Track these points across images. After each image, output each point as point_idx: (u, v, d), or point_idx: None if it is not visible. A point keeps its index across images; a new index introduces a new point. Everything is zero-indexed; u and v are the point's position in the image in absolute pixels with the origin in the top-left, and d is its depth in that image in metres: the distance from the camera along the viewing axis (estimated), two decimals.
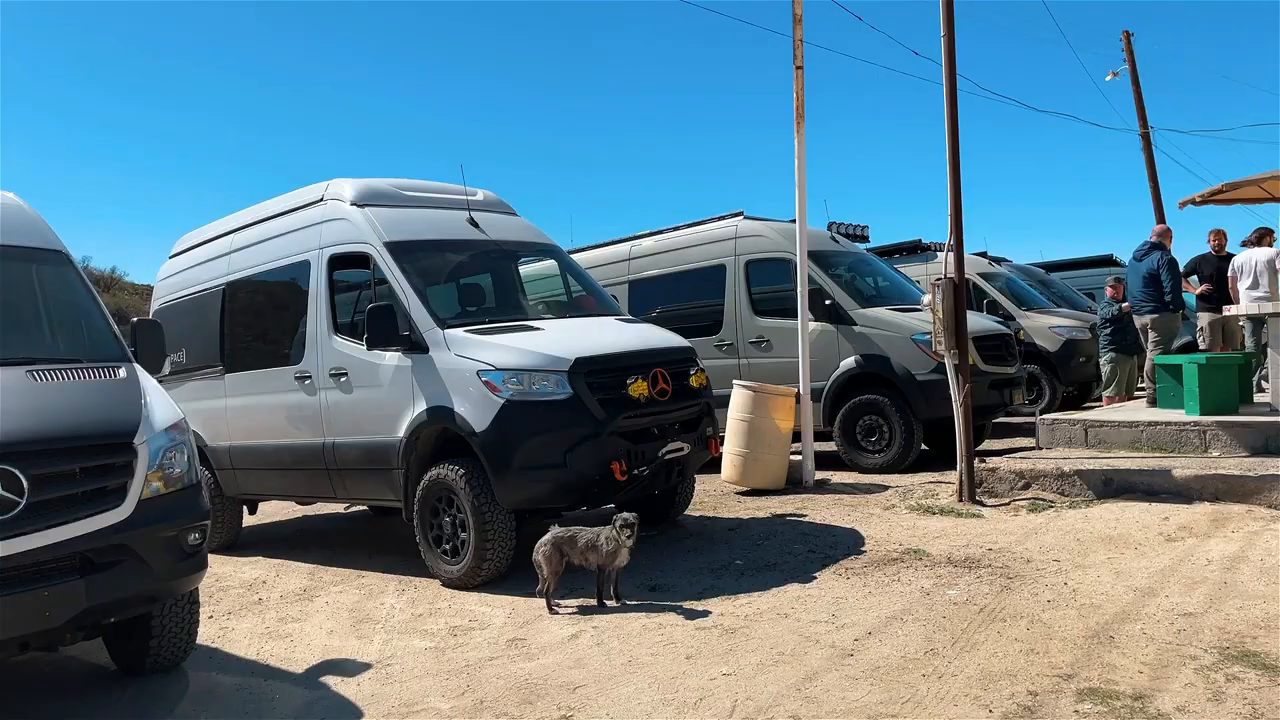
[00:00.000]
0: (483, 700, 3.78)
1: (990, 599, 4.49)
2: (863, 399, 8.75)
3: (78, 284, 4.89)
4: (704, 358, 9.55)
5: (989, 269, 14.55)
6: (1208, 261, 9.74)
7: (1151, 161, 23.93)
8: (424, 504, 5.84)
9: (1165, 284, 8.68)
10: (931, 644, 3.95)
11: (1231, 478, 6.00)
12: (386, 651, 4.58)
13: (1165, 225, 9.22)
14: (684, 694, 3.63)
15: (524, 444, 5.42)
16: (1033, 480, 6.74)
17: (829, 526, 6.39)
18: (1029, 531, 5.76)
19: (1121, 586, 4.53)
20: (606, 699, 3.66)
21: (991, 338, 9.02)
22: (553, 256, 7.52)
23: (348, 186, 6.78)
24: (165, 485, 4.02)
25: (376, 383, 6.13)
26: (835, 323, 8.98)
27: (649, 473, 5.71)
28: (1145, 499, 6.18)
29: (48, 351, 4.43)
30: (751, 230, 9.87)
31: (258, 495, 7.84)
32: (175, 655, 4.51)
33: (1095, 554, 5.13)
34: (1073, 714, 3.17)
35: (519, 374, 5.48)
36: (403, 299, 6.00)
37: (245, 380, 7.35)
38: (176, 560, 4.03)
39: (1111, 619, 4.07)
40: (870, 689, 3.53)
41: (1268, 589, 4.32)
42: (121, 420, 4.00)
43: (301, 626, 5.24)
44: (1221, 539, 5.21)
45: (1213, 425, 6.93)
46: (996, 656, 3.75)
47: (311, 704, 3.97)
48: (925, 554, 5.39)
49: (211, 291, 7.84)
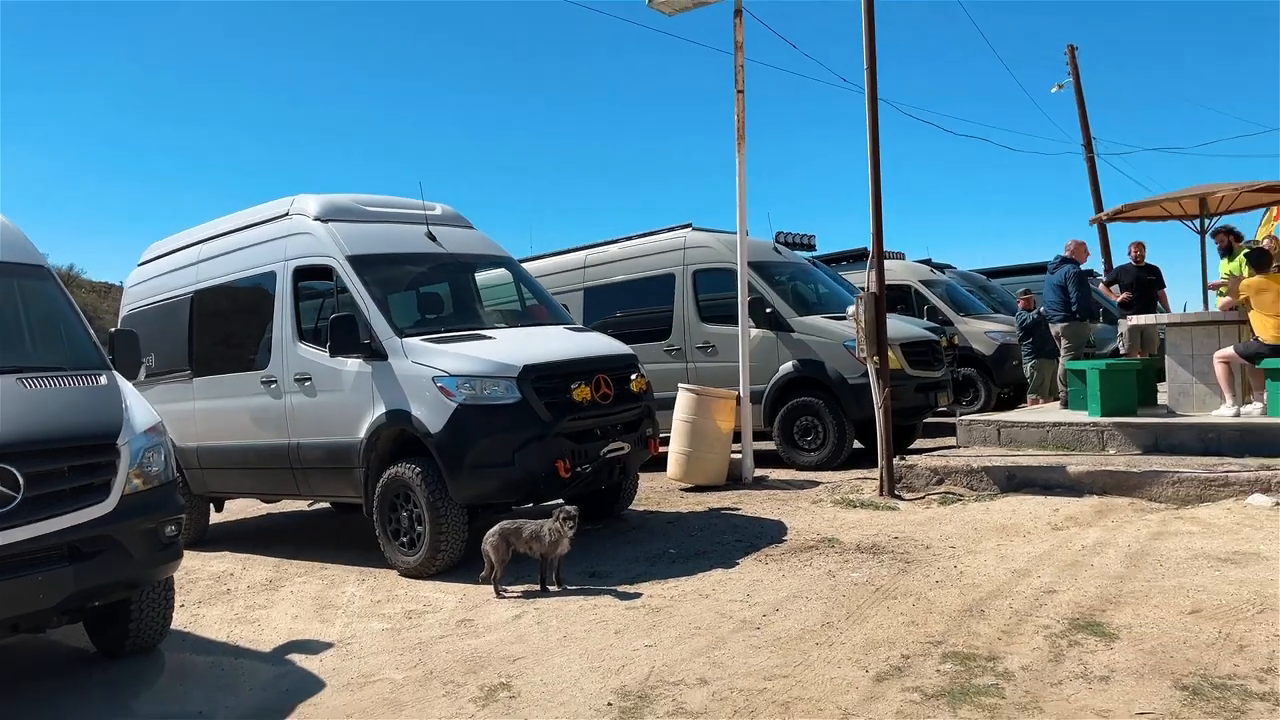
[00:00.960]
0: (432, 671, 4.27)
1: (887, 580, 5.07)
2: (799, 401, 9.35)
3: (59, 297, 5.28)
4: (654, 361, 10.21)
5: (930, 276, 15.26)
6: (1127, 271, 10.46)
7: (1094, 173, 24.93)
8: (383, 500, 6.30)
9: (1072, 295, 9.39)
10: (828, 618, 4.51)
11: (1118, 473, 6.66)
12: (347, 633, 5.05)
13: (1077, 240, 9.93)
14: (609, 662, 4.15)
15: (475, 444, 5.91)
16: (946, 476, 7.36)
17: (758, 519, 6.96)
18: (934, 522, 6.37)
19: (1003, 569, 5.13)
20: (541, 668, 4.17)
21: (918, 344, 9.66)
22: (507, 267, 8.02)
23: (312, 202, 7.21)
24: (145, 482, 4.46)
25: (339, 387, 6.57)
26: (775, 330, 9.56)
27: (591, 470, 6.23)
28: (1042, 493, 6.83)
29: (34, 360, 4.83)
30: (699, 241, 10.43)
31: (224, 494, 8.23)
32: (152, 638, 4.93)
33: (987, 541, 5.75)
34: (934, 672, 3.74)
35: (471, 380, 5.97)
36: (363, 309, 6.46)
37: (212, 384, 7.75)
38: (155, 550, 4.47)
39: (986, 595, 4.66)
40: (769, 655, 4.08)
41: (1125, 570, 4.94)
42: (105, 423, 4.43)
43: (268, 613, 5.68)
44: (1100, 528, 5.85)
45: (1110, 426, 7.61)
46: (882, 628, 4.32)
47: (279, 677, 4.43)
48: (838, 542, 5.97)
49: (180, 299, 8.22)
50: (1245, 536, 5.34)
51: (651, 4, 9.05)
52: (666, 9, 9.14)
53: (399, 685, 4.14)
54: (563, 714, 3.63)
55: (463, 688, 4.01)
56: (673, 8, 9.09)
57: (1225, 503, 6.09)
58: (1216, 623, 4.03)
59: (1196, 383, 8.00)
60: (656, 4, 9.05)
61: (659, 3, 9.02)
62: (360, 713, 3.87)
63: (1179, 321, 8.25)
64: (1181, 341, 8.13)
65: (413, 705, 3.89)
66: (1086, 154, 25.46)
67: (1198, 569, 4.83)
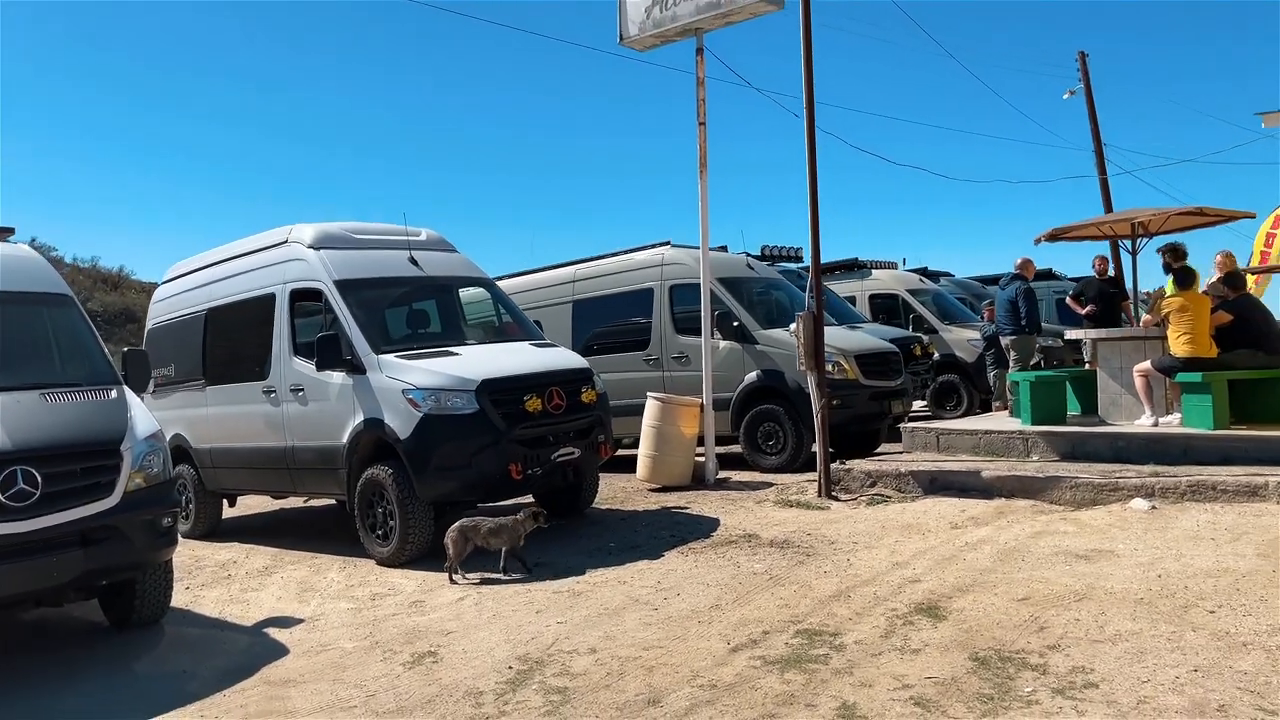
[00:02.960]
0: (378, 641, 5.09)
1: (782, 570, 5.79)
2: (763, 408, 10.04)
3: (80, 321, 6.20)
4: (636, 370, 11.02)
5: (918, 285, 15.83)
6: (1091, 285, 10.97)
7: (1104, 179, 25.19)
8: (362, 497, 7.16)
9: (1021, 310, 9.98)
10: (719, 601, 5.25)
11: (1025, 478, 7.29)
12: (318, 611, 5.91)
13: (1026, 258, 10.49)
14: (522, 635, 4.94)
15: (438, 449, 6.74)
16: (878, 479, 8.03)
17: (699, 517, 7.70)
18: (851, 520, 7.06)
19: (886, 562, 5.82)
20: (467, 640, 4.98)
21: (873, 355, 10.29)
22: (484, 288, 8.86)
23: (307, 231, 8.10)
24: (145, 481, 5.35)
25: (326, 397, 7.45)
26: (742, 342, 10.27)
27: (543, 473, 7.02)
28: (959, 495, 7.47)
29: (56, 378, 5.75)
30: (675, 258, 11.17)
31: (234, 490, 9.16)
32: (155, 613, 5.83)
33: (888, 538, 6.43)
34: (783, 645, 4.47)
35: (435, 392, 6.79)
36: (347, 329, 7.32)
37: (222, 392, 8.69)
38: (153, 538, 5.36)
39: (858, 583, 5.37)
40: (656, 630, 4.83)
41: (991, 564, 5.61)
42: (112, 431, 5.33)
43: (258, 594, 6.56)
44: (991, 527, 6.50)
45: (1034, 434, 8.22)
46: (759, 609, 5.05)
47: (253, 645, 5.29)
48: (757, 537, 6.69)
49: (195, 316, 9.18)
50: (1111, 536, 5.96)
51: (622, 42, 9.83)
52: (638, 46, 9.91)
53: (348, 653, 4.97)
54: (470, 674, 4.43)
55: (398, 655, 4.83)
56: (643, 45, 9.86)
57: (1113, 506, 6.70)
58: (1036, 608, 4.70)
59: (1124, 394, 8.56)
60: (627, 42, 9.83)
61: (630, 40, 9.79)
62: (311, 672, 4.71)
63: (1108, 336, 8.81)
64: (1111, 355, 8.70)
65: (354, 668, 4.71)
66: (1097, 159, 25.75)
67: (1053, 564, 5.48)
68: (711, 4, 9.11)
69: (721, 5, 9.05)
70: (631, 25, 9.73)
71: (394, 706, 4.14)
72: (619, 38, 9.84)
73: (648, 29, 9.60)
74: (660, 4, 9.47)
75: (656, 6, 9.50)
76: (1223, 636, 4.08)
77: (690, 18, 9.27)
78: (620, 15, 9.76)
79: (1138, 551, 5.55)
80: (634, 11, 9.66)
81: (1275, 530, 5.72)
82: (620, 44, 9.83)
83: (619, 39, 9.83)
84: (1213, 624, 4.24)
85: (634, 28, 9.70)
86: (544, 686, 4.18)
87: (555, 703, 3.98)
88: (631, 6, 9.66)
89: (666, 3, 9.44)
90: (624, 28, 9.79)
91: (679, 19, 9.34)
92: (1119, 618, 4.42)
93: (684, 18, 9.30)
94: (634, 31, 9.71)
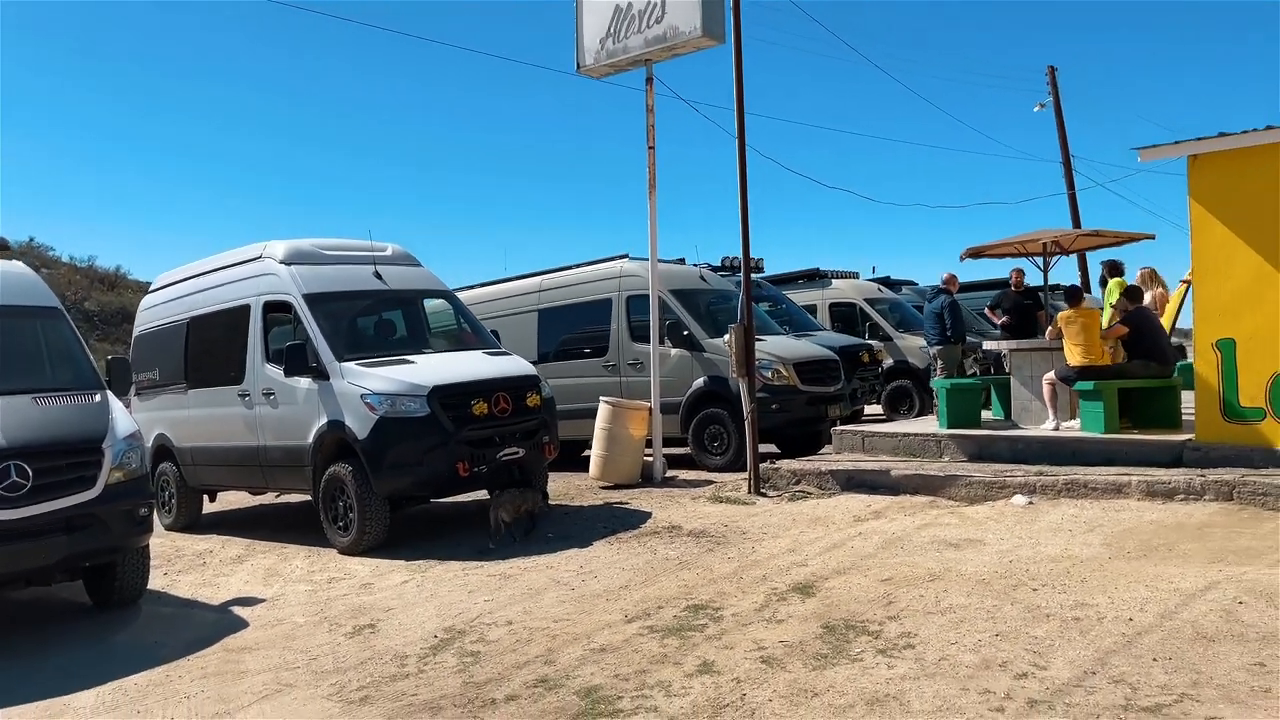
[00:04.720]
0: (326, 617, 5.81)
1: (692, 557, 6.51)
2: (709, 412, 10.77)
3: (68, 332, 6.91)
4: (595, 375, 11.76)
5: (875, 295, 16.61)
6: (1007, 297, 11.73)
7: (1072, 188, 25.97)
8: (325, 492, 7.87)
9: (947, 322, 10.74)
10: (629, 582, 5.98)
11: (928, 476, 8.02)
12: (279, 593, 6.62)
13: (951, 273, 11.30)
14: (452, 610, 5.66)
15: (393, 449, 7.47)
16: (802, 477, 8.75)
17: (636, 511, 8.42)
18: (768, 514, 7.79)
19: (784, 549, 6.54)
20: (404, 615, 5.70)
21: (811, 362, 11.02)
22: (445, 299, 9.58)
23: (279, 247, 8.82)
24: (124, 475, 6.06)
25: (294, 401, 8.17)
26: (691, 350, 11.00)
27: (488, 471, 7.74)
28: (870, 492, 8.20)
29: (46, 383, 6.44)
30: (631, 270, 11.89)
31: (213, 486, 9.88)
32: (133, 593, 6.54)
33: (794, 530, 7.15)
34: (671, 617, 5.18)
35: (390, 397, 7.52)
36: (313, 339, 8.04)
37: (202, 395, 9.40)
38: (131, 525, 6.07)
39: (751, 567, 6.09)
40: (568, 607, 5.55)
41: (873, 551, 6.33)
42: (95, 431, 6.04)
43: (228, 579, 7.28)
44: (886, 520, 7.22)
45: (947, 437, 8.95)
46: (661, 589, 5.77)
47: (218, 620, 6.01)
48: (679, 529, 7.42)
49: (178, 324, 9.90)
50: (986, 528, 6.69)
51: (579, 71, 10.56)
52: (594, 74, 10.65)
53: (299, 626, 5.69)
54: (401, 642, 5.15)
55: (341, 627, 5.55)
56: (599, 73, 10.60)
57: (998, 502, 7.43)
58: (893, 587, 5.42)
59: (1034, 400, 9.30)
60: (584, 70, 10.56)
61: (586, 69, 10.53)
62: (265, 641, 5.43)
63: (1019, 347, 9.55)
64: (1023, 364, 9.44)
65: (303, 638, 5.43)
66: (1065, 172, 26.58)
67: (925, 551, 6.21)
68: (659, 38, 9.86)
69: (667, 39, 9.79)
70: (588, 55, 10.47)
71: (331, 667, 4.86)
72: (576, 66, 10.57)
73: (602, 59, 10.34)
74: (613, 37, 10.22)
75: (610, 39, 10.25)
76: (1033, 609, 4.80)
77: (640, 50, 10.01)
78: (578, 47, 10.50)
79: (1002, 540, 6.28)
80: (590, 42, 10.41)
81: (1126, 523, 6.45)
82: (578, 72, 10.56)
83: (576, 67, 10.56)
84: (1031, 600, 4.97)
85: (590, 57, 10.45)
86: (461, 651, 4.90)
87: (467, 663, 4.70)
88: (588, 38, 10.41)
89: (619, 35, 10.19)
90: (581, 57, 10.54)
91: (629, 51, 10.09)
92: (956, 594, 5.15)
93: (634, 50, 10.05)
94: (589, 61, 10.45)
